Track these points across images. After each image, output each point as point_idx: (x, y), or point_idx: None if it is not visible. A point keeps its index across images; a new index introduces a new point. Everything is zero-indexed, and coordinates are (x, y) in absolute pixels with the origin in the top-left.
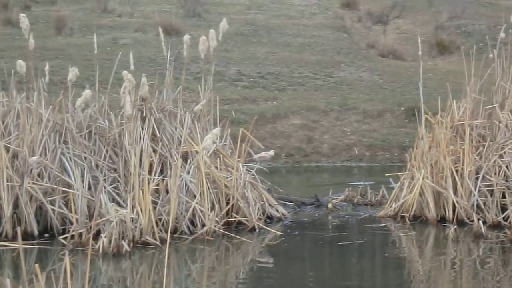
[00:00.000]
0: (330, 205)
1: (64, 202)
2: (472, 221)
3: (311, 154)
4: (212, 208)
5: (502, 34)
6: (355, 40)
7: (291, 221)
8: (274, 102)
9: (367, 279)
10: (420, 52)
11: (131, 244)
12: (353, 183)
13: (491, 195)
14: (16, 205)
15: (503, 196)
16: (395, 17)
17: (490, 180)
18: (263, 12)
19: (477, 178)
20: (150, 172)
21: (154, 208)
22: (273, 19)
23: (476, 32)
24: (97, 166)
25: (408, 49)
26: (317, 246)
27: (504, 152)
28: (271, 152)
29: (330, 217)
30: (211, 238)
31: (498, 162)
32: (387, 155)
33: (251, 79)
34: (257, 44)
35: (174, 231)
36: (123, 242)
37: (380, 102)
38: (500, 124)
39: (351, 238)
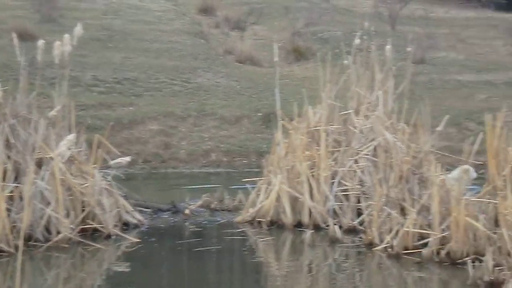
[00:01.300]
0: (187, 211)
1: None
2: (328, 225)
3: (169, 160)
4: (67, 215)
5: (357, 41)
6: (212, 46)
7: (148, 228)
8: (131, 108)
9: (225, 285)
10: (276, 59)
11: None
12: (209, 186)
13: (347, 200)
14: None
15: (358, 201)
16: (252, 23)
17: (345, 185)
18: (119, 18)
19: (332, 183)
20: (4, 179)
21: (8, 215)
22: (130, 25)
23: (332, 38)
24: None
25: (265, 55)
26: (175, 252)
27: (359, 157)
28: (127, 158)
29: (187, 223)
30: (67, 246)
31: (353, 167)
32: (244, 161)
33: (107, 85)
34: (114, 49)
35: (29, 238)
36: None
37: (238, 108)
38: (355, 130)
39: (209, 244)
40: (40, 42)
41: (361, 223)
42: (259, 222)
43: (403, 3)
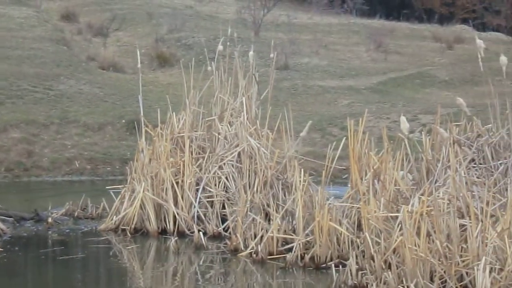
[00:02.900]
0: (50, 220)
1: None
2: (193, 232)
3: (31, 168)
4: None
5: (220, 47)
6: (75, 53)
7: (10, 237)
8: None
9: None
10: (139, 65)
11: None
12: (72, 194)
13: (212, 206)
14: None
15: (223, 207)
16: (116, 29)
17: (210, 191)
18: None
19: (197, 190)
20: None
21: None
22: None
23: (196, 44)
24: None
25: (129, 62)
26: (39, 261)
27: (224, 164)
28: None
29: (50, 232)
30: None
31: (218, 174)
32: (108, 168)
33: None
34: None
35: None
36: None
37: (101, 115)
38: (219, 136)
39: (73, 253)
40: None
41: (226, 229)
42: (123, 229)
43: (266, 9)
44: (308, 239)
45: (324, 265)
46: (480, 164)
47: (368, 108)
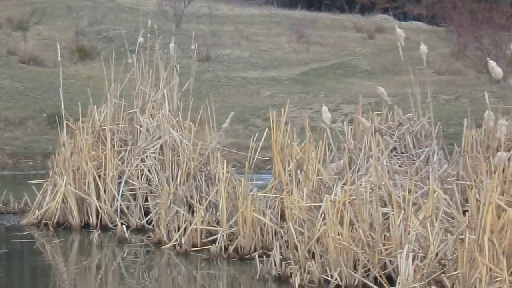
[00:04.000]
0: None
1: None
2: (116, 225)
3: None
4: None
5: (141, 39)
6: None
7: None
8: None
9: None
10: (59, 58)
11: None
12: None
13: (134, 199)
14: None
15: (146, 200)
16: (35, 23)
17: (133, 184)
18: None
19: (120, 183)
20: None
21: None
22: None
23: (116, 37)
24: None
25: (50, 55)
26: None
27: (146, 156)
28: None
29: None
30: None
31: (140, 166)
32: (30, 163)
33: None
34: None
35: None
36: None
37: (22, 109)
38: (141, 129)
39: None
40: None
41: (149, 222)
42: (46, 224)
43: (187, 1)
44: (232, 230)
45: (248, 256)
46: (402, 152)
47: (291, 98)
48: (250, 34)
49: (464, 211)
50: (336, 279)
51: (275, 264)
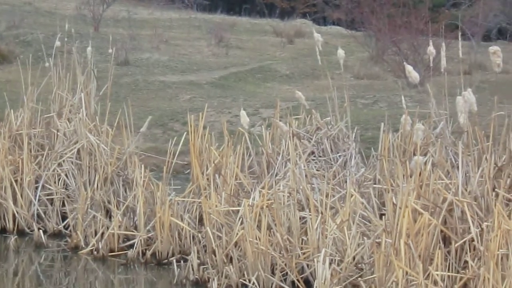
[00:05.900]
0: None
1: None
2: (33, 230)
3: None
4: None
5: (58, 43)
6: None
7: None
8: None
9: None
10: None
11: None
12: None
13: (52, 204)
14: None
15: (63, 205)
16: None
17: (50, 189)
18: None
19: (37, 188)
20: None
21: None
22: None
23: (34, 41)
24: None
25: None
26: None
27: (63, 161)
28: None
29: None
30: None
31: (57, 171)
32: None
33: None
34: None
35: None
36: None
37: None
38: (58, 133)
39: None
40: None
41: (66, 227)
42: None
43: (106, 5)
44: (149, 235)
45: (166, 260)
46: (320, 156)
47: (210, 103)
48: (169, 38)
49: (381, 215)
50: (253, 283)
51: (192, 269)
